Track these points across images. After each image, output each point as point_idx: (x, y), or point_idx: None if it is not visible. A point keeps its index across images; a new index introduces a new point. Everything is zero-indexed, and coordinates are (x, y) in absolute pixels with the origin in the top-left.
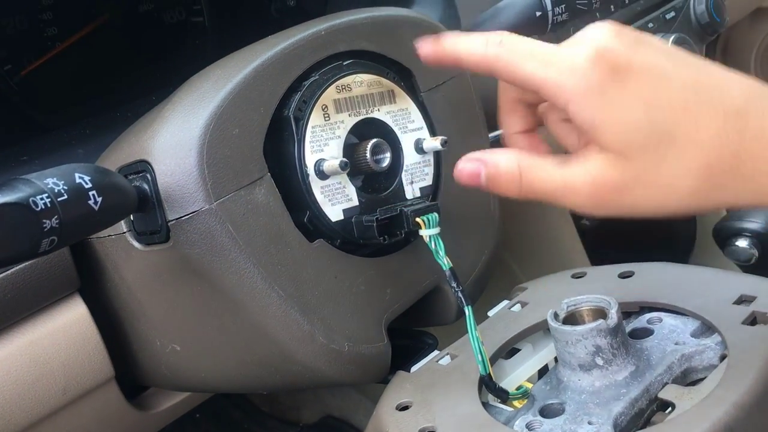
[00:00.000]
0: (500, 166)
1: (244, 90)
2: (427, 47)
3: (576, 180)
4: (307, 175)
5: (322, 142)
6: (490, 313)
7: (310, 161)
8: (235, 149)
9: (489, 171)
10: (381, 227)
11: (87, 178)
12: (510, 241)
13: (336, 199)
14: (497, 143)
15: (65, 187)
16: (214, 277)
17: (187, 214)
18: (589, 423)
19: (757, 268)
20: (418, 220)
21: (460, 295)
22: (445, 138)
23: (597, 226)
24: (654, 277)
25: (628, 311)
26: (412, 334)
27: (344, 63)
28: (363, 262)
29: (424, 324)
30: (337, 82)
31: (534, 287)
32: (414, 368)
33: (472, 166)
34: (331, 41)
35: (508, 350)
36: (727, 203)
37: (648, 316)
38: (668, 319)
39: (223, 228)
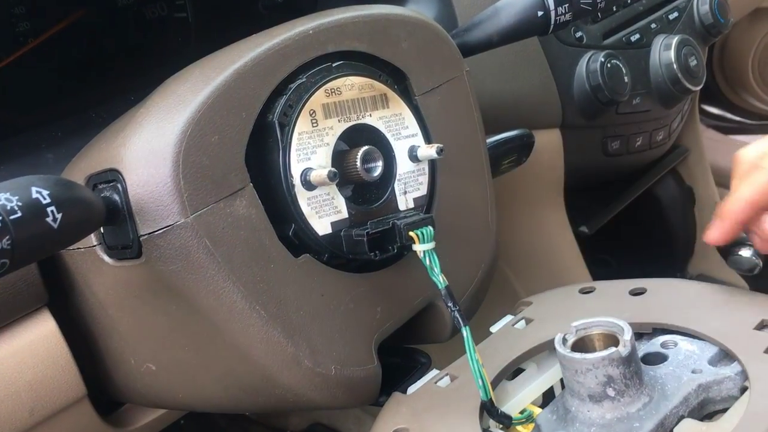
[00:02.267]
0: None
1: (225, 94)
2: (711, 232)
3: None
4: (293, 185)
5: (309, 150)
6: (493, 329)
7: (296, 171)
8: (214, 158)
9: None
10: (372, 242)
11: (45, 193)
12: (507, 251)
13: (324, 212)
14: (493, 148)
15: (19, 203)
16: (191, 296)
17: (161, 229)
18: None
19: (760, 278)
20: (411, 234)
21: (457, 315)
22: (441, 146)
23: (595, 234)
24: (668, 296)
25: (640, 332)
26: (404, 352)
27: (333, 65)
28: (351, 278)
29: (417, 342)
30: (326, 86)
31: (539, 302)
32: (411, 389)
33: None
34: (320, 41)
35: (512, 371)
36: None
37: (662, 339)
38: (684, 343)
39: (200, 243)
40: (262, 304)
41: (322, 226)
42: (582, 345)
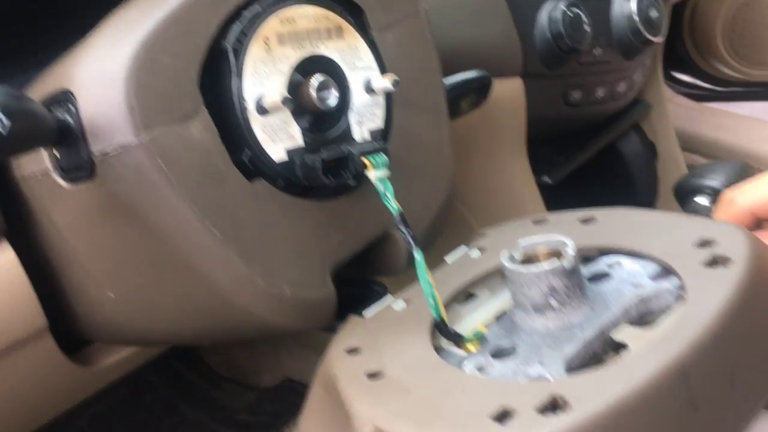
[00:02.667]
0: None
1: (177, 17)
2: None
3: None
4: (247, 110)
5: (264, 77)
6: (448, 259)
7: (249, 96)
8: (167, 80)
9: None
10: (326, 167)
11: None
12: (469, 197)
13: (278, 138)
14: (451, 90)
15: None
16: (146, 216)
17: (114, 148)
18: (540, 364)
19: None
20: (365, 160)
21: (409, 238)
22: (397, 78)
23: (559, 186)
24: (615, 223)
25: (588, 256)
26: (360, 283)
27: None
28: (307, 204)
29: (374, 274)
30: (281, 14)
31: (494, 233)
32: (367, 313)
33: None
34: None
35: (465, 296)
36: None
37: (607, 260)
38: (627, 263)
39: (154, 163)
40: (217, 225)
41: (277, 152)
42: (528, 261)
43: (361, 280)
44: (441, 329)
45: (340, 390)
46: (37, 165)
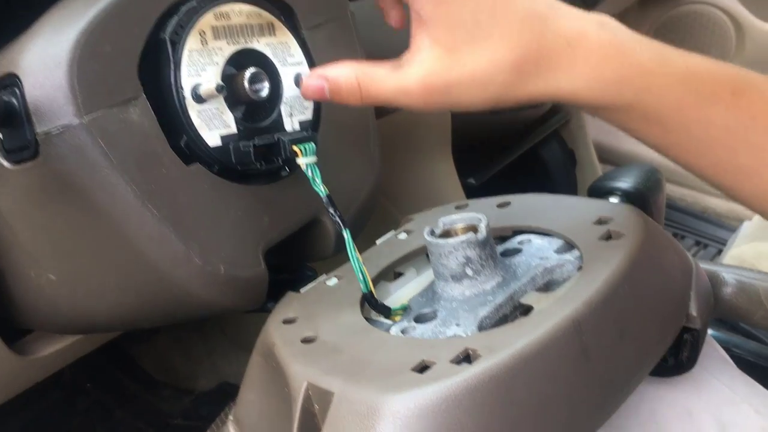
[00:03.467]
0: (340, 80)
1: (118, 8)
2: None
3: (408, 83)
4: (184, 98)
5: (200, 67)
6: (378, 242)
7: (186, 84)
8: (108, 67)
9: (331, 86)
10: (258, 153)
11: None
12: (396, 195)
13: (213, 125)
14: None
15: None
16: (86, 194)
17: (57, 128)
18: (457, 325)
19: None
20: (295, 148)
21: (337, 219)
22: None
23: (483, 190)
24: (528, 206)
25: (503, 236)
26: (292, 268)
27: None
28: (241, 189)
29: (305, 259)
30: (216, 9)
31: (420, 218)
32: (303, 290)
33: (316, 82)
34: None
35: (393, 273)
36: (532, 95)
37: (519, 238)
38: (536, 239)
39: (95, 144)
40: (155, 204)
41: (212, 137)
42: (447, 235)
43: (293, 265)
44: (369, 301)
45: (276, 355)
46: None
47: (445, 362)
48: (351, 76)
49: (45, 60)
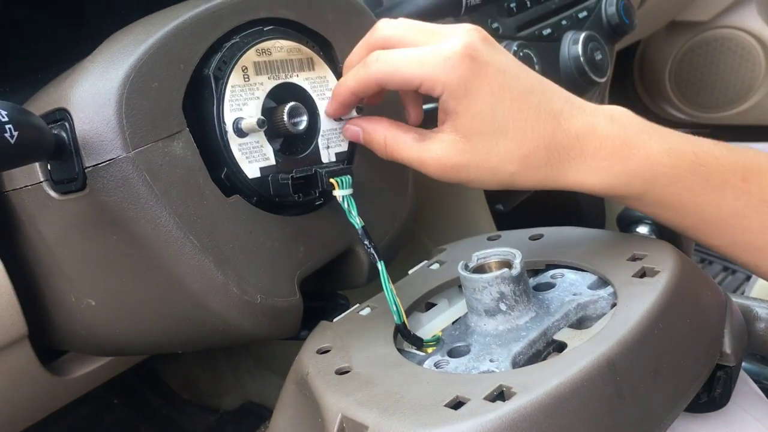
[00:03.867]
0: (372, 134)
1: (165, 46)
2: (329, 106)
3: (426, 157)
4: (226, 132)
5: (241, 102)
6: (410, 272)
7: (228, 119)
8: (154, 102)
9: (365, 136)
10: (296, 185)
11: (4, 113)
12: (427, 223)
13: (253, 157)
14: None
15: None
16: (130, 225)
17: (104, 161)
18: (491, 360)
19: None
20: (332, 180)
21: (372, 251)
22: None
23: (510, 212)
24: (561, 239)
25: (536, 269)
26: (325, 296)
27: (265, 29)
28: (278, 219)
29: (337, 288)
30: (258, 46)
31: (452, 248)
32: (336, 319)
33: (354, 128)
34: (252, 7)
35: (425, 304)
36: (539, 183)
37: (552, 272)
38: (570, 274)
39: (140, 176)
40: (195, 235)
41: (251, 170)
42: (482, 270)
43: (326, 293)
44: (402, 332)
45: (311, 385)
46: (29, 177)
47: (479, 399)
48: (381, 136)
49: (94, 96)
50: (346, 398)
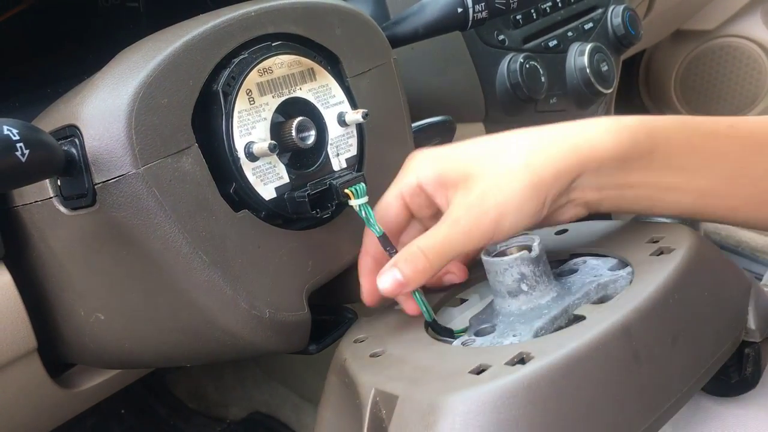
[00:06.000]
0: (411, 262)
1: (174, 62)
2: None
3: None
4: (239, 158)
5: (250, 126)
6: None
7: (239, 145)
8: (164, 118)
9: (407, 275)
10: (313, 201)
11: (15, 131)
12: None
13: (268, 179)
14: (418, 131)
15: None
16: (140, 240)
17: (114, 177)
18: (514, 336)
19: None
20: (347, 191)
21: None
22: (366, 111)
23: None
24: (584, 231)
25: (560, 259)
26: (333, 309)
27: (273, 44)
28: (286, 234)
29: (347, 300)
30: (259, 66)
31: None
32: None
33: (388, 278)
34: (261, 23)
35: (458, 300)
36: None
37: (575, 260)
38: (591, 260)
39: (150, 192)
40: (204, 251)
41: (267, 191)
42: (503, 255)
43: (333, 307)
44: (434, 327)
45: (348, 369)
46: (39, 193)
47: (501, 365)
48: (417, 253)
49: (104, 112)
50: (379, 375)
